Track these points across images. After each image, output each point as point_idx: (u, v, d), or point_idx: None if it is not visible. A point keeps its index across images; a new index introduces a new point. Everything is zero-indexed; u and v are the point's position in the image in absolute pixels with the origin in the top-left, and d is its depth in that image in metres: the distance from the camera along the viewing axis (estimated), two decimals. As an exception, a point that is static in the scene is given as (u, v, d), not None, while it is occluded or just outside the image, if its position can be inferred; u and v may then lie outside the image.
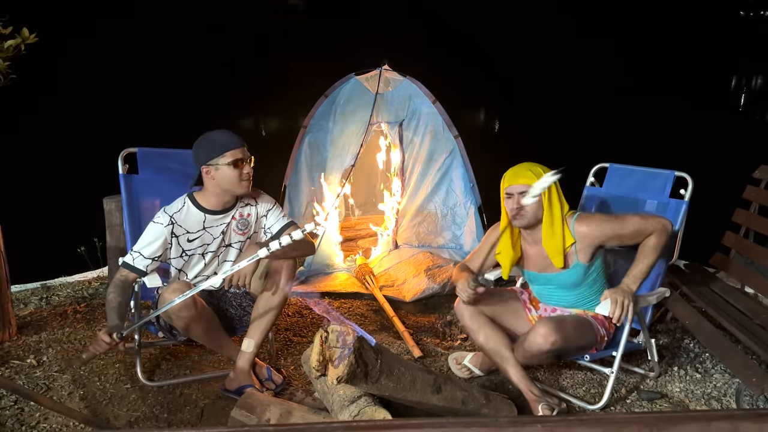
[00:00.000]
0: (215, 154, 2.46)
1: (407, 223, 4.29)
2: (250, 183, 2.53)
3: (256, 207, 2.65)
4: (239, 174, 2.47)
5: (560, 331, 2.33)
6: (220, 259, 2.64)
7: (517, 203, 2.43)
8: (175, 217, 2.51)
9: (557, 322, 2.38)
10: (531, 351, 2.39)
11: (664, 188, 2.83)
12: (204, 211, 2.54)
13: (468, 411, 2.11)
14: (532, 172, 2.43)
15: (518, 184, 2.45)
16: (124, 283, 2.47)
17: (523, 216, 2.45)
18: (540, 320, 2.43)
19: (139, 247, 2.50)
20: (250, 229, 2.65)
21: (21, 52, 2.75)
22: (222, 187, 2.50)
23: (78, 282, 3.83)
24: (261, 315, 2.56)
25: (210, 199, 2.55)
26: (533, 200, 2.32)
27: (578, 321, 2.50)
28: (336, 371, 1.75)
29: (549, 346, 2.32)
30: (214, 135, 2.51)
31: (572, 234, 2.46)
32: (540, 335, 2.33)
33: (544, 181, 2.26)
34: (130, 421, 2.38)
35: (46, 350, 2.88)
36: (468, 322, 2.56)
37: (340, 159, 4.02)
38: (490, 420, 0.86)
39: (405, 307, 3.59)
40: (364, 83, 4.16)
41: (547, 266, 2.55)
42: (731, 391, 2.68)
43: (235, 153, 2.46)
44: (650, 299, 2.65)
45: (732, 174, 4.24)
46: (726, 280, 3.28)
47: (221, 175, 2.47)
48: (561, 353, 2.47)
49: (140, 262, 2.48)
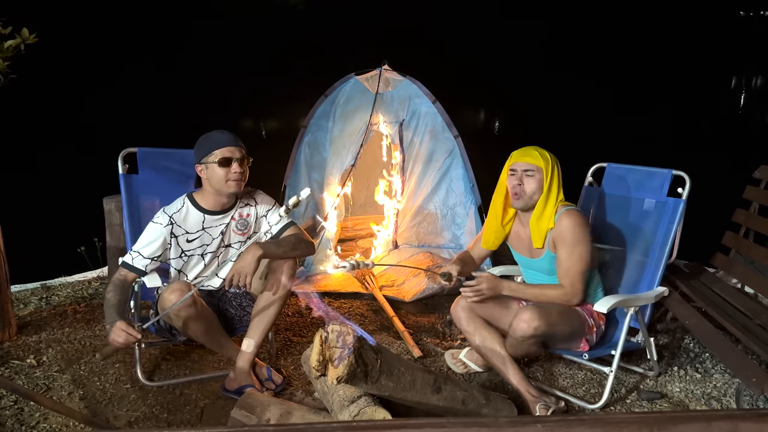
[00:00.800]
0: (206, 152, 2.48)
1: (407, 223, 4.29)
2: (239, 183, 2.50)
3: (256, 207, 2.65)
4: (226, 173, 2.46)
5: (543, 317, 2.36)
6: (219, 260, 2.64)
7: (519, 180, 2.52)
8: (174, 218, 2.51)
9: (540, 308, 2.41)
10: (515, 337, 2.41)
11: (662, 187, 2.84)
12: (203, 212, 2.55)
13: (468, 411, 2.11)
14: (539, 153, 2.52)
15: (524, 161, 2.52)
16: (123, 282, 2.47)
17: (521, 196, 2.52)
18: (523, 306, 2.45)
19: (138, 247, 2.50)
20: (250, 229, 2.65)
21: (21, 52, 2.75)
22: (213, 187, 2.51)
23: (78, 282, 3.83)
24: (261, 315, 2.56)
25: (208, 200, 2.55)
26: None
27: (563, 308, 2.52)
28: (336, 371, 1.75)
29: (532, 331, 2.34)
30: (211, 134, 2.53)
31: (554, 221, 2.50)
32: (523, 320, 2.36)
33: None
34: (130, 421, 2.38)
35: (46, 350, 2.88)
36: (464, 324, 2.59)
37: (340, 159, 4.02)
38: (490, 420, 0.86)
39: (405, 307, 3.59)
40: (364, 83, 4.16)
41: (532, 250, 2.60)
42: (731, 391, 2.68)
43: (223, 152, 2.46)
44: (649, 298, 2.66)
45: (732, 174, 4.25)
46: (726, 280, 3.28)
47: (211, 174, 2.48)
48: (547, 339, 2.49)
49: (139, 261, 2.48)
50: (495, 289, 2.48)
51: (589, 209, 3.06)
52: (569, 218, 2.48)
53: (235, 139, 2.51)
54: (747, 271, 3.15)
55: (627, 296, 2.59)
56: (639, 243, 2.85)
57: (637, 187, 2.93)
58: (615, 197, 2.99)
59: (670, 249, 2.75)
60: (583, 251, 2.49)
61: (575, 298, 2.50)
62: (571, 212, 2.50)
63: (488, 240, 2.71)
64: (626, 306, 2.53)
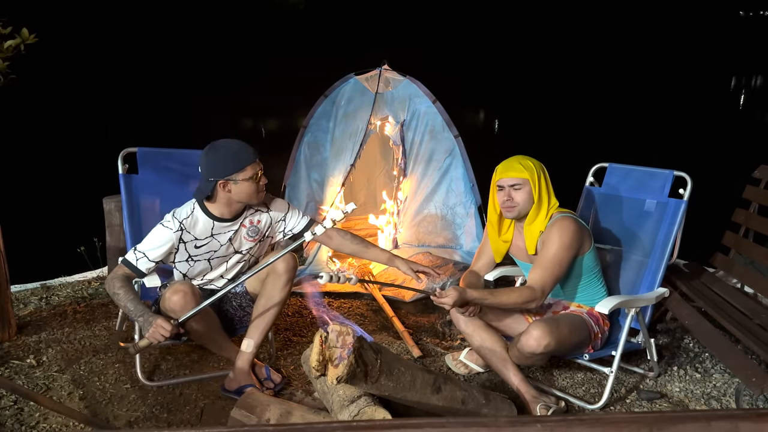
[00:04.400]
0: (233, 169, 2.42)
1: (407, 223, 4.28)
2: (264, 192, 2.55)
3: (269, 213, 2.64)
4: (257, 187, 2.48)
5: (553, 334, 2.34)
6: (228, 265, 2.64)
7: (507, 196, 2.50)
8: (184, 224, 2.48)
9: (551, 324, 2.38)
10: (524, 353, 2.40)
11: (663, 188, 2.84)
12: (213, 219, 2.53)
13: (468, 411, 2.11)
14: (522, 165, 2.49)
15: (509, 177, 2.51)
16: (129, 279, 2.46)
17: (512, 208, 2.52)
18: (533, 322, 2.42)
19: (145, 249, 2.46)
20: (261, 235, 2.65)
21: (21, 52, 2.75)
22: (238, 200, 2.50)
23: (78, 282, 3.83)
24: (260, 315, 2.56)
25: (222, 209, 2.52)
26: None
27: (572, 320, 2.51)
28: (336, 371, 1.75)
29: (542, 349, 2.33)
30: (230, 147, 2.45)
31: (546, 226, 2.49)
32: (533, 338, 2.34)
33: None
34: (130, 421, 2.38)
35: (46, 350, 2.88)
36: (463, 326, 2.59)
37: (340, 159, 4.02)
38: (490, 420, 0.86)
39: (405, 307, 3.59)
40: (364, 83, 4.16)
41: (530, 257, 2.60)
42: (731, 391, 2.68)
43: (254, 167, 2.45)
44: (650, 299, 2.66)
45: (732, 174, 4.25)
46: (726, 280, 3.28)
47: (239, 189, 2.45)
48: (555, 353, 2.48)
49: (143, 264, 2.45)
50: (460, 301, 2.38)
51: (590, 210, 3.06)
52: (561, 224, 2.47)
53: (255, 152, 2.50)
54: (747, 271, 3.15)
55: (628, 297, 2.59)
56: (640, 244, 2.84)
57: (638, 187, 2.93)
58: (616, 198, 2.99)
59: (671, 250, 2.75)
60: (564, 258, 2.45)
61: (538, 303, 2.45)
62: (565, 219, 2.48)
63: (498, 253, 2.71)
64: (627, 307, 2.53)
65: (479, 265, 2.78)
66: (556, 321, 2.46)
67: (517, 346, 2.42)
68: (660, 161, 3.01)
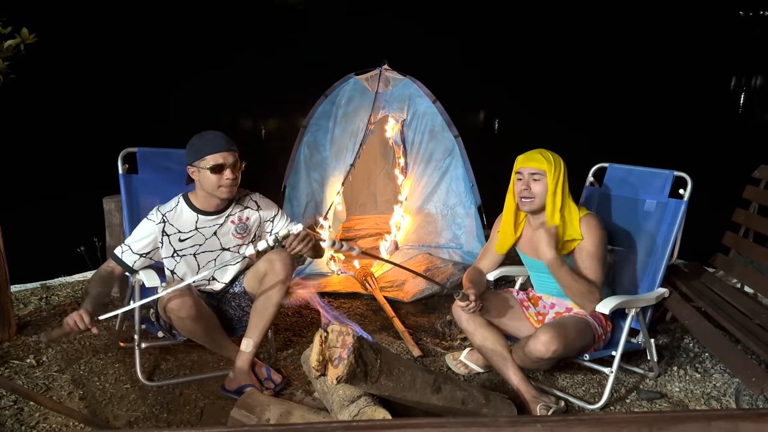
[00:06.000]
0: (197, 156, 2.46)
1: (408, 223, 4.28)
2: (231, 189, 2.49)
3: (259, 212, 2.65)
4: (218, 179, 2.45)
5: (561, 339, 2.33)
6: (216, 263, 2.64)
7: (525, 185, 2.52)
8: (167, 216, 2.52)
9: (558, 329, 2.37)
10: (530, 357, 2.39)
11: (664, 188, 2.83)
12: (197, 212, 2.55)
13: (468, 411, 2.11)
14: (543, 157, 2.52)
15: (529, 166, 2.52)
16: (109, 274, 2.49)
17: (529, 200, 2.53)
18: (541, 327, 2.42)
19: (129, 241, 2.53)
20: (250, 233, 2.65)
21: (21, 52, 2.75)
22: (205, 190, 2.50)
23: (78, 282, 3.83)
24: (259, 315, 2.56)
25: (201, 200, 2.55)
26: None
27: (578, 324, 2.50)
28: (336, 371, 1.75)
29: (550, 354, 2.33)
30: (204, 136, 2.50)
31: (581, 233, 2.50)
32: (541, 343, 2.33)
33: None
34: (130, 421, 2.38)
35: (46, 350, 2.88)
36: (465, 324, 2.59)
37: (340, 159, 4.02)
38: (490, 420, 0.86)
39: (405, 307, 3.59)
40: (364, 83, 4.16)
41: (537, 252, 2.58)
42: (731, 390, 2.68)
43: (215, 158, 2.43)
44: (650, 299, 2.66)
45: (732, 174, 4.24)
46: (726, 280, 3.28)
47: (203, 178, 2.47)
48: (561, 357, 2.48)
49: (128, 256, 2.50)
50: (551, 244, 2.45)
51: (590, 210, 3.06)
52: (594, 222, 2.52)
53: (228, 143, 2.48)
54: (747, 271, 3.15)
55: (628, 297, 2.58)
56: (640, 244, 2.84)
57: (638, 187, 2.92)
58: (616, 198, 2.98)
59: (671, 250, 2.75)
60: (603, 254, 2.54)
61: (594, 305, 2.47)
62: (594, 216, 2.55)
63: (503, 245, 2.71)
64: (627, 307, 2.52)
65: (484, 263, 2.78)
66: (563, 326, 2.45)
67: (524, 350, 2.41)
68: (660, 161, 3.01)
